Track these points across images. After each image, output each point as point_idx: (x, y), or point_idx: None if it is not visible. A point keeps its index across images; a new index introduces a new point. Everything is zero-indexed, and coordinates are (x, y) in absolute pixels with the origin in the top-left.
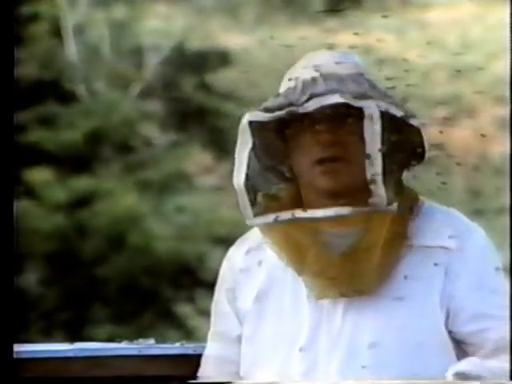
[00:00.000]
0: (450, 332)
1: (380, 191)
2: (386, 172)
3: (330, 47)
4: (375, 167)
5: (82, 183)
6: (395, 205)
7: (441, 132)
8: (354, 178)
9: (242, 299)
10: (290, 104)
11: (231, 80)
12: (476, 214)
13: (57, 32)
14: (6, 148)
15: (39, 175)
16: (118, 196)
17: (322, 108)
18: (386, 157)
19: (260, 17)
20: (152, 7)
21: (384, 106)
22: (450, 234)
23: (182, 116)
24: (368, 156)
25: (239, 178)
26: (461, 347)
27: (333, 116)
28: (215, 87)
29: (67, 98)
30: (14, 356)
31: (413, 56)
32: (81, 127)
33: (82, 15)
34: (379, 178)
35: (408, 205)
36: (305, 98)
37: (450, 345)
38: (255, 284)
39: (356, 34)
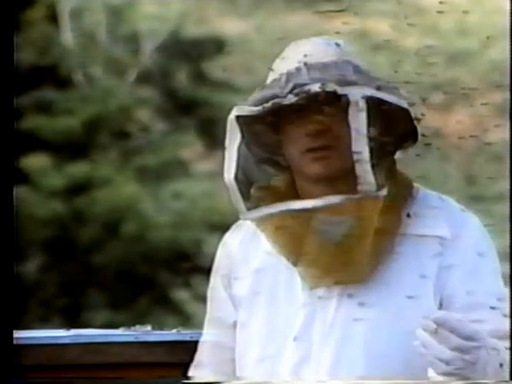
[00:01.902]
0: None
1: (368, 178)
2: (375, 157)
3: (326, 33)
4: (362, 154)
5: (78, 170)
6: (385, 190)
7: (436, 116)
8: (344, 163)
9: (237, 285)
10: (275, 96)
11: (227, 66)
12: (473, 200)
13: (53, 17)
14: (4, 135)
15: (36, 162)
16: (115, 183)
17: (307, 98)
18: (374, 142)
19: (256, 2)
20: None
21: (369, 91)
22: (444, 222)
23: (179, 102)
24: (355, 143)
25: (230, 173)
26: None
27: (319, 105)
28: (211, 74)
29: (64, 84)
30: (14, 342)
31: (409, 41)
32: (78, 113)
33: (78, 0)
34: (367, 165)
35: (402, 192)
36: (288, 89)
37: None
38: (250, 270)
39: (347, 21)
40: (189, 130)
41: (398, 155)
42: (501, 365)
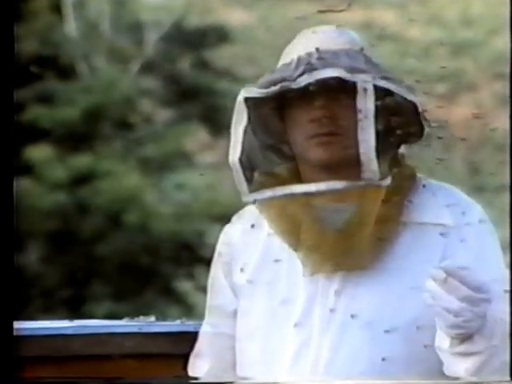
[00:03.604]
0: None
1: (372, 166)
2: (380, 147)
3: (330, 24)
4: (368, 142)
5: (81, 161)
6: (388, 179)
7: (440, 107)
8: (349, 150)
9: (237, 273)
10: (284, 79)
11: (231, 56)
12: (476, 191)
13: (56, 7)
14: (5, 126)
15: (38, 153)
16: (118, 174)
17: (316, 83)
18: (380, 132)
19: None
20: None
21: (379, 81)
22: (447, 210)
23: (182, 93)
24: (361, 130)
25: (234, 155)
26: None
27: (327, 91)
28: (214, 63)
29: (66, 74)
30: (14, 333)
31: (413, 32)
32: (80, 104)
33: None
34: (372, 153)
35: (405, 181)
36: (298, 73)
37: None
38: (251, 258)
39: (352, 12)
40: (192, 119)
41: (402, 149)
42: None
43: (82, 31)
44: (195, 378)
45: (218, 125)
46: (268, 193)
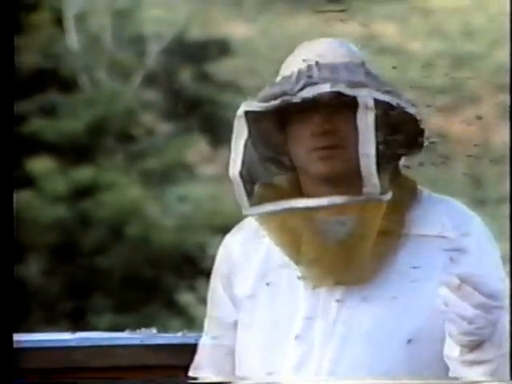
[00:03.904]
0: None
1: (373, 180)
2: (381, 161)
3: (330, 36)
4: (369, 156)
5: (83, 173)
6: (389, 194)
7: (439, 120)
8: (350, 164)
9: (238, 286)
10: (284, 93)
11: (232, 69)
12: (477, 203)
13: (58, 20)
14: (6, 138)
15: (40, 165)
16: (120, 186)
17: (317, 97)
18: (381, 146)
19: (261, 5)
20: None
21: (379, 94)
22: (448, 223)
23: (184, 104)
24: (361, 145)
25: (235, 168)
26: None
27: (328, 105)
28: (216, 76)
29: (68, 87)
30: (15, 346)
31: (415, 45)
32: (82, 117)
33: (83, 3)
34: (373, 167)
35: (406, 194)
36: (298, 87)
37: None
38: (251, 271)
39: (352, 25)
40: (193, 132)
41: (403, 162)
42: None
43: (84, 44)
44: (194, 378)
45: (219, 136)
46: (269, 207)
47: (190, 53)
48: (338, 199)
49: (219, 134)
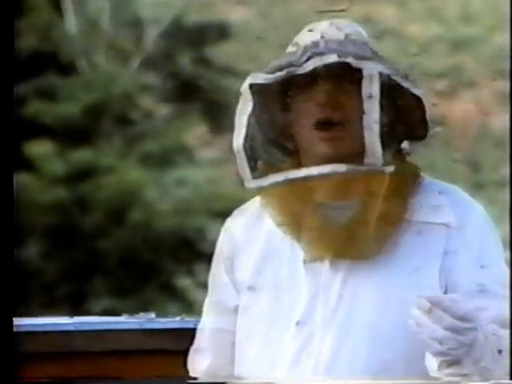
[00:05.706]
0: None
1: (376, 151)
2: (384, 137)
3: (330, 18)
4: (372, 127)
5: (82, 156)
6: (391, 167)
7: (434, 105)
8: (353, 144)
9: (239, 270)
10: (290, 64)
11: (231, 52)
12: (476, 187)
13: (56, 4)
14: (6, 121)
15: (39, 148)
16: (119, 169)
17: (322, 68)
18: (384, 123)
19: None
20: None
21: (385, 70)
22: (450, 210)
23: (182, 89)
24: (366, 115)
25: (238, 141)
26: None
27: (333, 77)
28: (214, 59)
29: (66, 70)
30: (14, 330)
31: (413, 28)
32: (81, 100)
33: None
34: (376, 138)
35: (408, 180)
36: (305, 57)
37: None
38: (253, 254)
39: (352, 8)
40: (192, 115)
41: (406, 146)
42: (499, 351)
43: (82, 27)
44: (194, 378)
45: (218, 120)
46: (271, 178)
47: (188, 36)
48: (339, 167)
49: (218, 117)
